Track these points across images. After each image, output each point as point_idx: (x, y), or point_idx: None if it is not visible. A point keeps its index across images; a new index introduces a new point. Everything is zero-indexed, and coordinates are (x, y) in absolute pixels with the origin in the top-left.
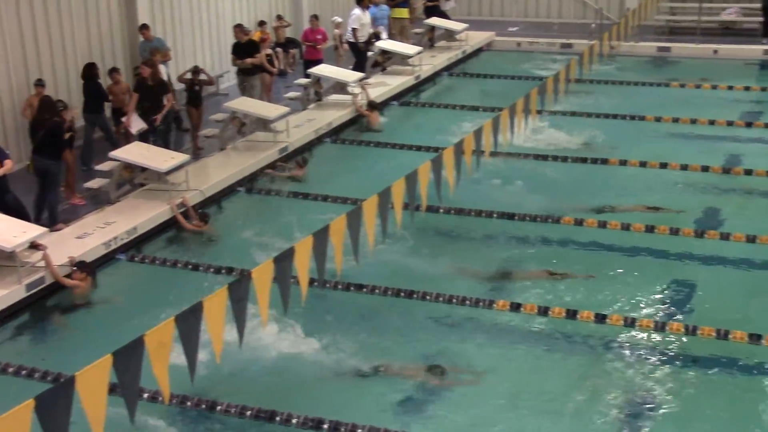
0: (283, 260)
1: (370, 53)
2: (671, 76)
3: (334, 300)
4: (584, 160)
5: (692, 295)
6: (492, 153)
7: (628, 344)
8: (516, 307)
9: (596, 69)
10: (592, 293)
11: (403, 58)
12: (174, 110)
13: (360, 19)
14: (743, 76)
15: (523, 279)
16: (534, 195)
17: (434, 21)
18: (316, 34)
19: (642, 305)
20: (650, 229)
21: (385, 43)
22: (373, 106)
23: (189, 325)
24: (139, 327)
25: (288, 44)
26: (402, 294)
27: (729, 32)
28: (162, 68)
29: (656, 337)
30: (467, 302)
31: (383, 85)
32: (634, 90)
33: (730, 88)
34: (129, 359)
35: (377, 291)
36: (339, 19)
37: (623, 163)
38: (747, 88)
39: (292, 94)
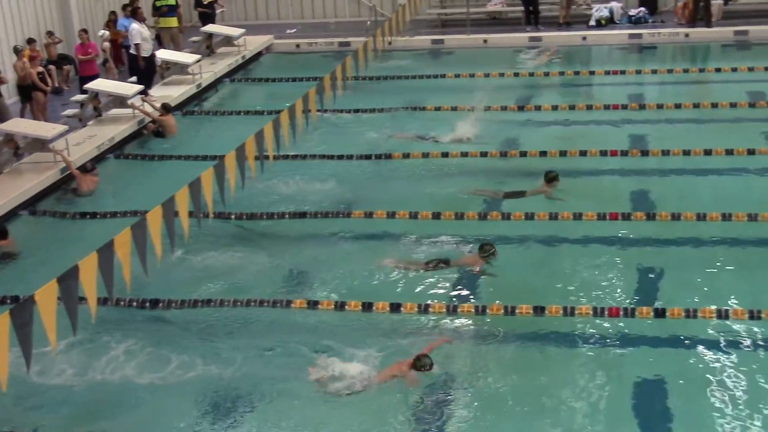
0: (68, 279)
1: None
2: (446, 67)
3: (130, 316)
4: (368, 157)
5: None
6: (283, 155)
7: (412, 330)
8: (314, 304)
9: (376, 65)
10: (386, 285)
11: (182, 67)
12: None
13: (141, 33)
14: (513, 63)
15: (322, 276)
16: (324, 192)
17: (211, 28)
18: (87, 49)
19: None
20: (436, 216)
21: (163, 53)
22: (166, 108)
23: None
24: None
25: (61, 61)
26: (200, 304)
27: (496, 22)
28: None
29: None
30: (266, 303)
31: (164, 97)
32: (412, 83)
33: (502, 75)
34: None
35: (173, 305)
36: (106, 33)
37: (406, 156)
38: (516, 75)
39: (69, 111)
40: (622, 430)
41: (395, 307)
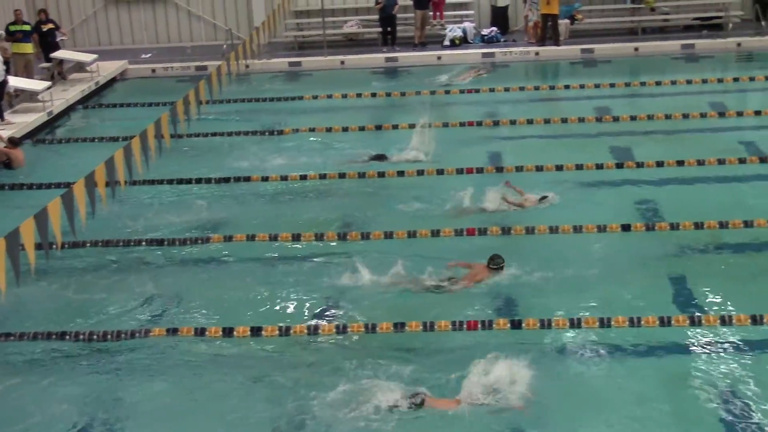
0: None
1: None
2: (304, 88)
3: None
4: (227, 180)
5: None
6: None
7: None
8: (173, 331)
9: (233, 89)
10: (249, 308)
11: (32, 95)
12: None
13: None
14: (370, 83)
15: (185, 305)
16: (182, 218)
17: (62, 54)
18: None
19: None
20: (296, 237)
21: (13, 80)
22: (14, 142)
23: None
24: None
25: None
26: (53, 336)
27: (353, 43)
28: None
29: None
30: (123, 336)
31: (12, 126)
32: (270, 105)
33: (359, 95)
34: None
35: (26, 337)
36: None
37: (265, 179)
38: (374, 95)
39: None
40: None
41: (285, 330)
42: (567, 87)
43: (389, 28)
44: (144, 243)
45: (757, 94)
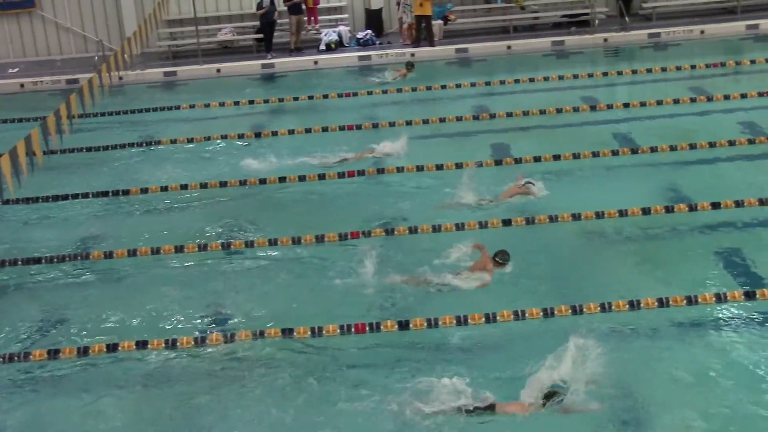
0: None
1: None
2: (181, 98)
3: None
4: (105, 194)
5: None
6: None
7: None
8: (55, 353)
9: (107, 101)
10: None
11: None
12: None
13: None
14: (247, 90)
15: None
16: (59, 235)
17: None
18: None
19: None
20: (179, 249)
21: None
22: None
23: None
24: None
25: None
26: None
27: (228, 51)
28: None
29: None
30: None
31: None
32: (146, 117)
33: (237, 103)
34: None
35: None
36: None
37: (144, 191)
38: (251, 102)
39: None
40: None
41: (171, 343)
42: (444, 87)
43: (265, 35)
44: (20, 263)
45: (625, 87)
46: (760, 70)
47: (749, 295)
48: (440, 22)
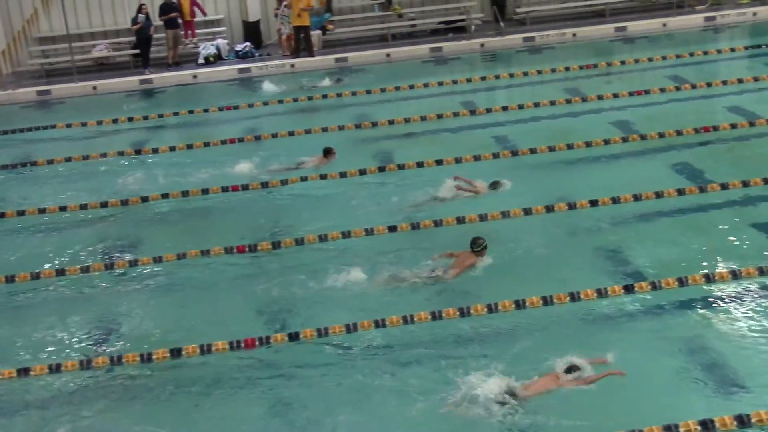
0: None
1: None
2: (56, 117)
3: None
4: None
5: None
6: None
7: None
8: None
9: None
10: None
11: None
12: None
13: None
14: (124, 107)
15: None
16: None
17: None
18: None
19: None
20: (110, 266)
21: None
22: None
23: None
24: None
25: None
26: None
27: (104, 67)
28: None
29: None
30: None
31: None
32: (20, 137)
33: (115, 120)
34: None
35: None
36: None
37: (21, 213)
38: (131, 119)
39: None
40: None
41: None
42: (325, 96)
43: (142, 50)
44: None
45: (503, 91)
46: (630, 70)
47: (628, 289)
48: (319, 32)
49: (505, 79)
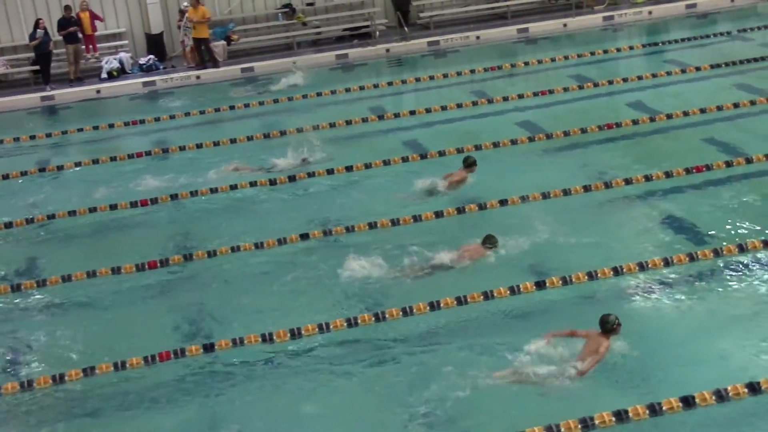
0: None
1: None
2: None
3: None
4: None
5: None
6: None
7: None
8: None
9: None
10: None
11: None
12: None
13: None
14: (26, 126)
15: None
16: None
17: None
18: None
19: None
20: (16, 287)
21: None
22: None
23: None
24: None
25: None
26: None
27: (3, 85)
28: None
29: None
30: None
31: None
32: None
33: (17, 139)
34: None
35: None
36: None
37: None
38: (32, 137)
39: None
40: None
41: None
42: (232, 108)
43: (42, 66)
44: None
45: (410, 95)
46: (534, 70)
47: (539, 285)
48: (223, 42)
49: (412, 84)
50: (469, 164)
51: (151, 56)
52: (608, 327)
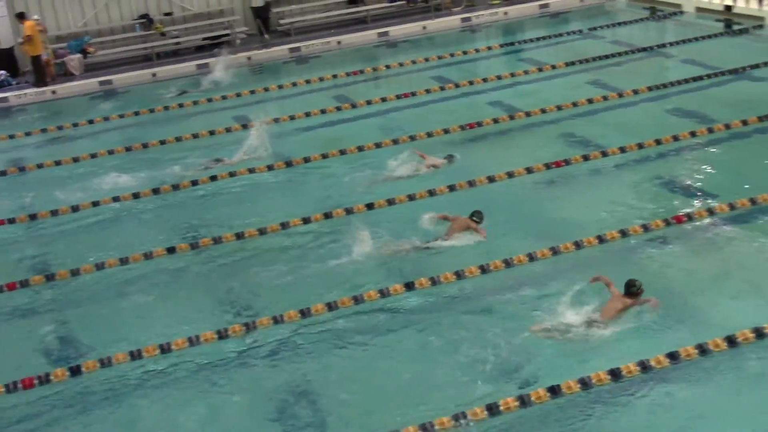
0: None
1: None
2: None
3: None
4: None
5: None
6: None
7: None
8: None
9: None
10: None
11: None
12: None
13: None
14: None
15: None
16: None
17: None
18: None
19: None
20: None
21: None
22: None
23: None
24: None
25: None
26: None
27: None
28: None
29: None
30: None
31: None
32: None
33: None
34: None
35: None
36: None
37: None
38: None
39: None
40: None
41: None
42: (91, 122)
43: None
44: None
45: (274, 103)
46: (395, 73)
47: (409, 286)
48: (79, 55)
49: (275, 91)
50: None
51: (3, 72)
52: (633, 290)
